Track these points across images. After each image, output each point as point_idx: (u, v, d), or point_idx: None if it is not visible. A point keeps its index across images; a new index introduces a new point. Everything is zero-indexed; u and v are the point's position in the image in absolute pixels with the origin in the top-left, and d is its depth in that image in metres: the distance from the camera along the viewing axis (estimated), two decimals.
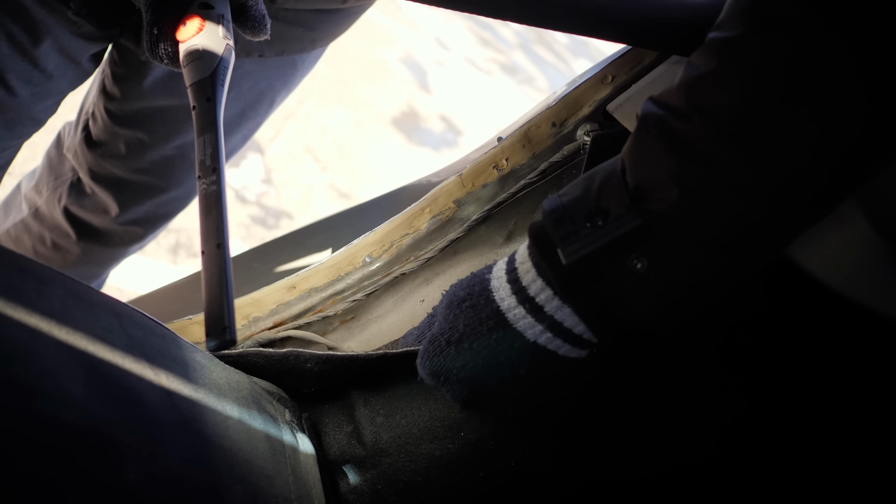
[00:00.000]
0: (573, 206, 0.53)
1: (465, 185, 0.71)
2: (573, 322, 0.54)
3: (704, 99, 0.49)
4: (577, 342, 0.55)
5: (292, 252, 0.93)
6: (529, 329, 0.55)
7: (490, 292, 0.57)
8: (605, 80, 0.68)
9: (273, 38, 0.91)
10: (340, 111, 3.21)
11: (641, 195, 0.50)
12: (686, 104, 0.50)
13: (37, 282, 0.50)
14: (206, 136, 0.59)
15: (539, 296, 0.54)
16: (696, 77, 0.50)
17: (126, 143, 1.02)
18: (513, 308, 0.55)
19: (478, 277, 0.59)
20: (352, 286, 0.72)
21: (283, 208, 2.48)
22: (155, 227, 1.16)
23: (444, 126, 3.71)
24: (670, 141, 0.50)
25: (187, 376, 0.56)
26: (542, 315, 0.54)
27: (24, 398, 0.42)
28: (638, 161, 0.52)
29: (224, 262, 0.54)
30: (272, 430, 0.60)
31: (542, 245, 0.54)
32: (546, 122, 0.69)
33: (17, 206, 1.21)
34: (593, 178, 0.54)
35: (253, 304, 0.72)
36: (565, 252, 0.52)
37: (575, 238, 0.52)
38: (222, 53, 0.64)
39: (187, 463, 0.50)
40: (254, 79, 0.97)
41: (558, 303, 0.54)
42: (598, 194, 0.52)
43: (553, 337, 0.55)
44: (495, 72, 4.76)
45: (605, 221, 0.51)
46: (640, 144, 0.52)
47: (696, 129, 0.49)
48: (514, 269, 0.56)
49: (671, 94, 0.52)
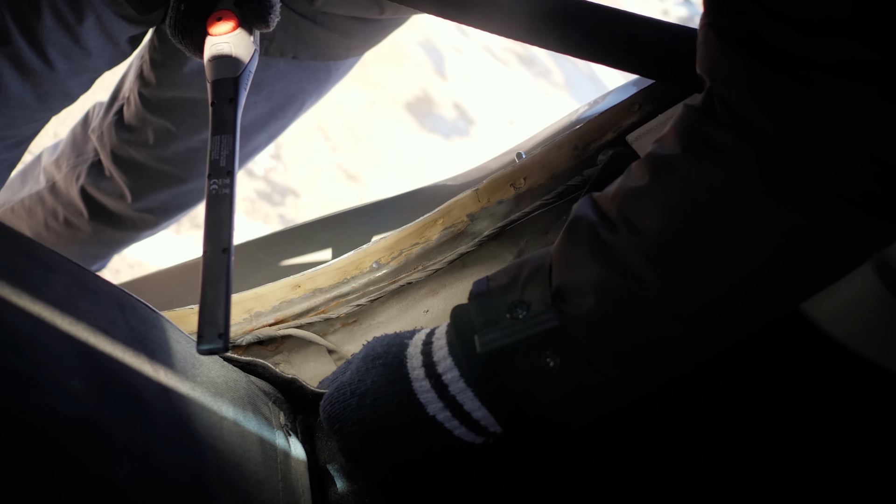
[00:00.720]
0: (498, 293, 0.54)
1: (480, 199, 0.71)
2: (473, 406, 0.54)
3: (634, 213, 0.49)
4: (474, 427, 0.55)
5: (299, 246, 0.92)
6: (431, 404, 0.55)
7: (404, 357, 0.57)
8: (632, 107, 0.68)
9: (308, 41, 0.91)
10: (356, 91, 3.19)
11: (562, 296, 0.51)
12: (616, 214, 0.50)
13: (43, 268, 0.49)
14: (223, 136, 0.58)
15: (446, 374, 0.55)
16: (629, 189, 0.51)
17: (154, 131, 1.02)
18: (420, 379, 0.55)
19: (398, 339, 0.59)
20: (357, 290, 0.72)
21: (289, 185, 2.47)
22: (169, 217, 1.16)
23: (457, 114, 3.70)
24: (596, 248, 0.50)
25: (185, 373, 0.55)
26: (446, 393, 0.54)
27: (23, 389, 0.41)
28: (564, 261, 0.52)
29: (227, 268, 0.54)
30: (266, 433, 0.60)
31: (460, 326, 0.55)
32: (568, 144, 0.69)
33: (35, 178, 1.21)
34: (522, 268, 0.54)
35: (256, 299, 0.71)
36: (482, 341, 0.52)
37: (494, 328, 0.52)
38: (250, 56, 0.63)
39: (178, 464, 0.50)
40: (287, 80, 0.96)
41: (462, 385, 0.54)
42: (523, 286, 0.53)
43: (451, 416, 0.55)
44: (512, 62, 4.74)
45: (525, 315, 0.51)
46: (568, 245, 0.52)
47: (622, 241, 0.49)
48: (430, 342, 0.57)
49: (607, 199, 0.52)
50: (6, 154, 0.94)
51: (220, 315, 0.52)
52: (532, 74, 4.81)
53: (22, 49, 0.81)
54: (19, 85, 0.84)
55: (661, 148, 0.50)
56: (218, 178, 0.57)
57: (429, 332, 0.58)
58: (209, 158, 0.58)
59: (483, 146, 3.61)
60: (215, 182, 0.57)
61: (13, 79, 0.83)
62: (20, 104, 0.87)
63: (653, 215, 0.49)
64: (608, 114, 0.68)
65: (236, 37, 0.63)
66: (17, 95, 0.85)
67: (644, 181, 0.50)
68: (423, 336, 0.58)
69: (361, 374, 0.58)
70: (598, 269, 0.50)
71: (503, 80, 4.48)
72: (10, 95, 0.85)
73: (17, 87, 0.84)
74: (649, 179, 0.49)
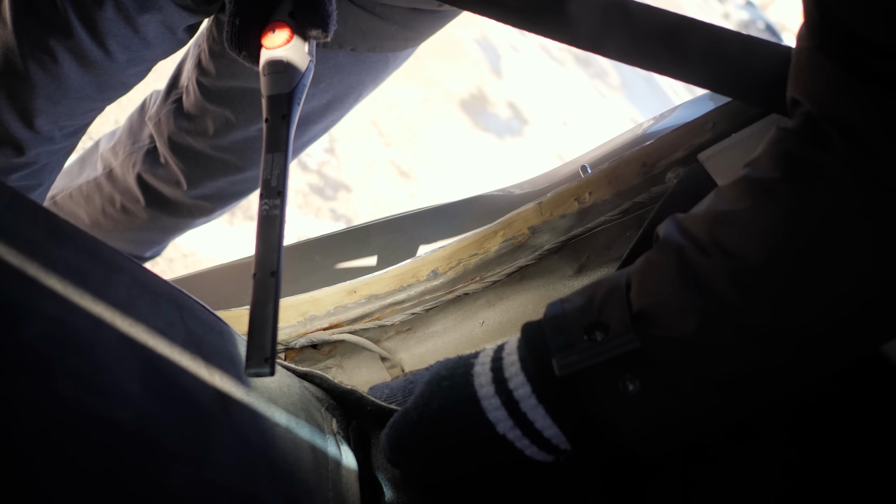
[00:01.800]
0: (574, 315, 0.53)
1: (542, 213, 0.69)
2: (545, 424, 0.53)
3: (730, 237, 0.48)
4: (545, 446, 0.54)
5: (355, 249, 0.92)
6: (501, 422, 0.53)
7: (471, 377, 0.56)
8: (705, 125, 0.65)
9: (367, 34, 0.90)
10: (410, 87, 3.19)
11: (644, 318, 0.50)
12: (708, 238, 0.49)
13: (105, 268, 0.49)
14: (275, 154, 0.58)
15: (518, 391, 0.53)
16: (724, 212, 0.49)
17: (213, 120, 1.03)
18: (489, 397, 0.54)
19: (463, 360, 0.58)
20: (412, 298, 0.71)
21: (342, 180, 2.48)
22: (225, 204, 1.17)
23: (511, 113, 3.68)
24: (684, 271, 0.49)
25: (240, 378, 0.55)
26: (517, 410, 0.53)
27: (82, 392, 0.41)
28: (647, 283, 0.51)
29: (276, 292, 0.54)
30: (318, 440, 0.59)
31: (532, 343, 0.54)
32: (636, 160, 0.67)
33: (93, 164, 1.23)
34: (597, 289, 0.53)
35: (312, 303, 0.71)
36: (560, 364, 0.51)
37: (571, 351, 0.51)
38: (304, 70, 0.62)
39: (231, 471, 0.49)
40: (345, 72, 0.96)
41: (535, 402, 0.53)
42: (600, 307, 0.52)
43: (521, 435, 0.53)
44: (569, 63, 4.70)
45: (604, 338, 0.50)
46: (653, 267, 0.51)
47: (715, 266, 0.48)
48: (499, 359, 0.56)
49: (696, 221, 0.51)
50: (64, 142, 0.96)
51: (268, 340, 0.52)
52: (588, 75, 4.76)
53: (83, 41, 0.82)
54: (79, 76, 0.86)
55: (758, 171, 0.49)
56: (269, 199, 0.56)
57: (496, 349, 0.57)
58: (262, 177, 0.58)
59: (536, 147, 3.59)
60: (266, 203, 0.56)
61: (74, 70, 0.85)
62: (79, 94, 0.88)
63: (751, 241, 0.47)
64: (680, 131, 0.66)
65: (290, 49, 0.63)
66: (77, 86, 0.87)
67: (742, 205, 0.48)
68: (491, 353, 0.57)
69: (426, 399, 0.57)
70: (685, 292, 0.48)
71: (559, 80, 4.44)
72: (71, 86, 0.87)
73: (78, 78, 0.86)
74: (749, 204, 0.48)
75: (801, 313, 0.47)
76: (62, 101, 0.88)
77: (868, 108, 0.45)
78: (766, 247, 0.47)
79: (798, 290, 0.47)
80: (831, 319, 0.47)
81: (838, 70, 0.46)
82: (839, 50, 0.46)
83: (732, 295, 0.47)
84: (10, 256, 0.41)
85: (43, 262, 0.43)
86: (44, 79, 0.85)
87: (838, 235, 0.46)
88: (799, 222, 0.47)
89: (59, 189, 1.26)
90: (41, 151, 0.94)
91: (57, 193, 1.26)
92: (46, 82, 0.85)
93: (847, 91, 0.46)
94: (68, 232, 0.48)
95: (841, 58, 0.46)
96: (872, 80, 0.44)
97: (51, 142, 0.93)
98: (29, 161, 0.94)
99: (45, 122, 0.90)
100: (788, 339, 0.48)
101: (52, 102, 0.88)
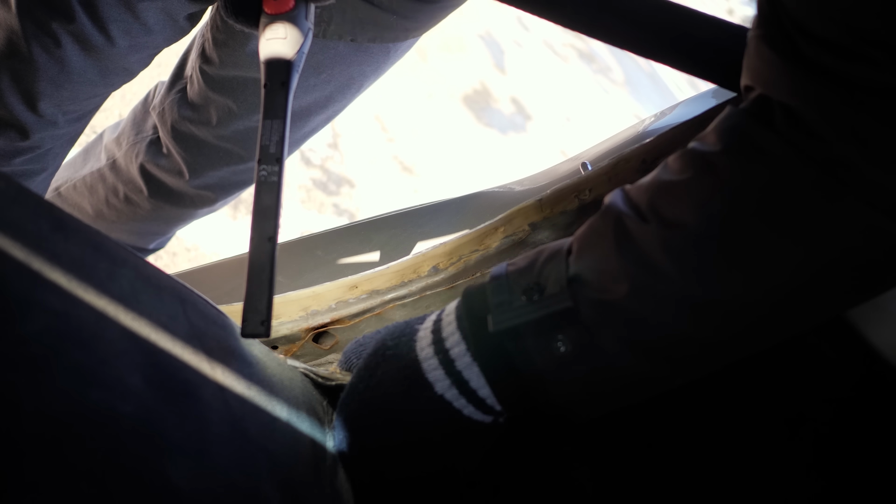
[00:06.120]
0: (515, 276, 0.54)
1: (543, 209, 0.70)
2: (479, 383, 0.54)
3: (668, 207, 0.49)
4: (481, 406, 0.54)
5: (357, 245, 0.92)
6: (439, 381, 0.54)
7: (414, 341, 0.57)
8: (706, 122, 0.66)
9: (366, 24, 0.91)
10: (414, 82, 3.19)
11: (580, 280, 0.51)
12: (648, 206, 0.50)
13: (109, 262, 0.49)
14: (274, 121, 0.58)
15: (453, 349, 0.54)
16: (665, 182, 0.50)
17: (217, 110, 1.04)
18: (429, 358, 0.55)
19: (409, 326, 0.59)
20: (413, 293, 0.72)
21: (345, 175, 2.49)
22: (227, 194, 1.17)
23: (514, 109, 3.68)
24: (621, 237, 0.50)
25: (242, 372, 0.55)
26: (452, 368, 0.54)
27: (84, 385, 0.42)
28: (586, 247, 0.52)
29: (272, 257, 0.55)
30: (318, 435, 0.60)
31: (471, 303, 0.55)
32: (636, 158, 0.67)
33: (97, 155, 1.24)
34: (541, 253, 0.54)
35: (313, 298, 0.72)
36: (495, 320, 0.52)
37: (507, 308, 0.52)
38: (305, 37, 0.62)
39: (232, 464, 0.50)
40: (346, 62, 0.97)
41: (469, 360, 0.54)
42: (540, 269, 0.53)
43: (458, 394, 0.54)
44: (572, 58, 4.69)
45: (539, 297, 0.51)
46: (593, 232, 0.52)
47: (651, 233, 0.49)
48: (440, 320, 0.57)
49: (640, 191, 0.52)
50: (68, 127, 0.97)
51: (263, 302, 0.53)
52: (591, 71, 4.76)
53: (85, 26, 0.84)
54: (82, 60, 0.87)
55: (702, 145, 0.50)
56: (267, 165, 0.57)
57: (440, 312, 0.58)
58: (259, 143, 0.58)
59: (539, 143, 3.59)
60: (264, 168, 0.57)
61: (76, 55, 0.86)
62: (82, 79, 0.90)
63: (687, 211, 0.48)
64: (680, 128, 0.67)
65: (292, 15, 0.63)
66: (79, 71, 0.88)
67: (681, 176, 0.49)
68: (434, 316, 0.58)
69: (371, 369, 0.57)
70: (620, 257, 0.49)
71: (562, 75, 4.44)
72: (73, 71, 0.88)
73: (80, 62, 0.87)
74: (687, 175, 0.49)
75: (730, 285, 0.48)
76: (65, 85, 0.90)
77: (807, 94, 0.46)
78: (701, 217, 0.48)
79: (728, 262, 0.48)
80: (760, 293, 0.48)
81: (776, 57, 0.47)
82: (782, 39, 0.47)
83: (664, 263, 0.48)
84: (15, 250, 0.41)
85: (48, 256, 0.43)
86: (47, 62, 0.86)
87: (773, 210, 0.47)
88: (735, 195, 0.47)
89: (63, 180, 1.27)
90: (45, 136, 0.95)
91: (61, 185, 1.26)
92: (50, 66, 0.87)
93: (785, 77, 0.47)
94: (73, 226, 0.48)
95: (784, 47, 0.47)
96: (811, 68, 0.45)
97: (54, 126, 0.94)
98: (33, 145, 0.95)
99: (49, 105, 0.91)
100: (717, 309, 0.48)
101: (55, 86, 0.89)
